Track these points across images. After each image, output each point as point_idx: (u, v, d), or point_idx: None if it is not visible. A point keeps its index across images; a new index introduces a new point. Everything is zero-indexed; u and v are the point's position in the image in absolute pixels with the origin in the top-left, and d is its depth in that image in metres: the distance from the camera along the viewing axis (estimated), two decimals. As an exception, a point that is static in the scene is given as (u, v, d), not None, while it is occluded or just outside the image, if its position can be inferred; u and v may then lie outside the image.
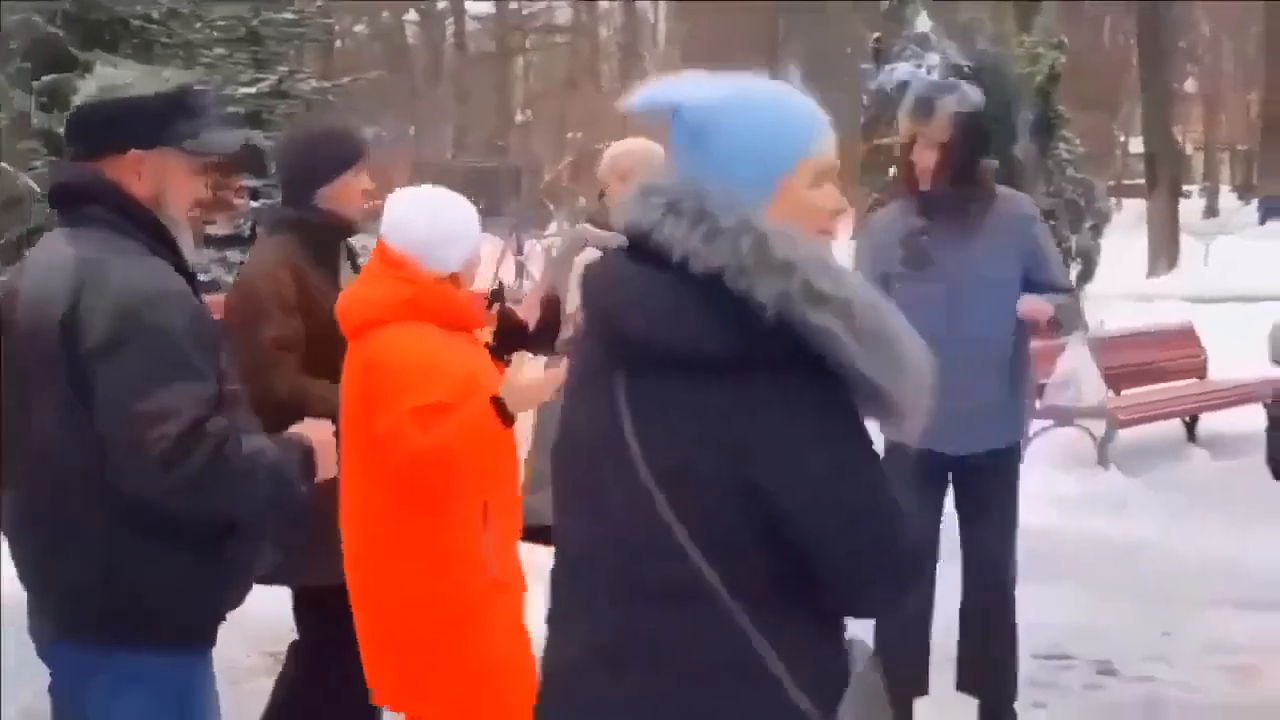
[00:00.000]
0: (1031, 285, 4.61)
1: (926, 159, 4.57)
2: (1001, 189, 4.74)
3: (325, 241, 3.98)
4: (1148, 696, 5.40)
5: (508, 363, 3.45)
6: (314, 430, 2.86)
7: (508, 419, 3.30)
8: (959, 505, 4.81)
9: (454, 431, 3.26)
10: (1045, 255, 4.66)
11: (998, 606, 4.78)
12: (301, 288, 3.86)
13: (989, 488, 4.74)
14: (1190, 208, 38.31)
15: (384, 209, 3.51)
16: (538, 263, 20.85)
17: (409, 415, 3.24)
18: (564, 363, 3.30)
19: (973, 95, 4.63)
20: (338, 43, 32.86)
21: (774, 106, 2.04)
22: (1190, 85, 49.70)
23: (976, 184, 4.60)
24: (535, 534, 3.56)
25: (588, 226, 4.94)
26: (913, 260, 4.58)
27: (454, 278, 3.50)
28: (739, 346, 1.92)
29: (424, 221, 3.44)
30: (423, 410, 3.25)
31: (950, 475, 4.74)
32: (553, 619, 2.15)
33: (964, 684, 4.89)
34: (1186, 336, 11.10)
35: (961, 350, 4.53)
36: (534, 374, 3.38)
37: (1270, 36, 39.48)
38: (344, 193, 3.99)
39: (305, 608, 4.01)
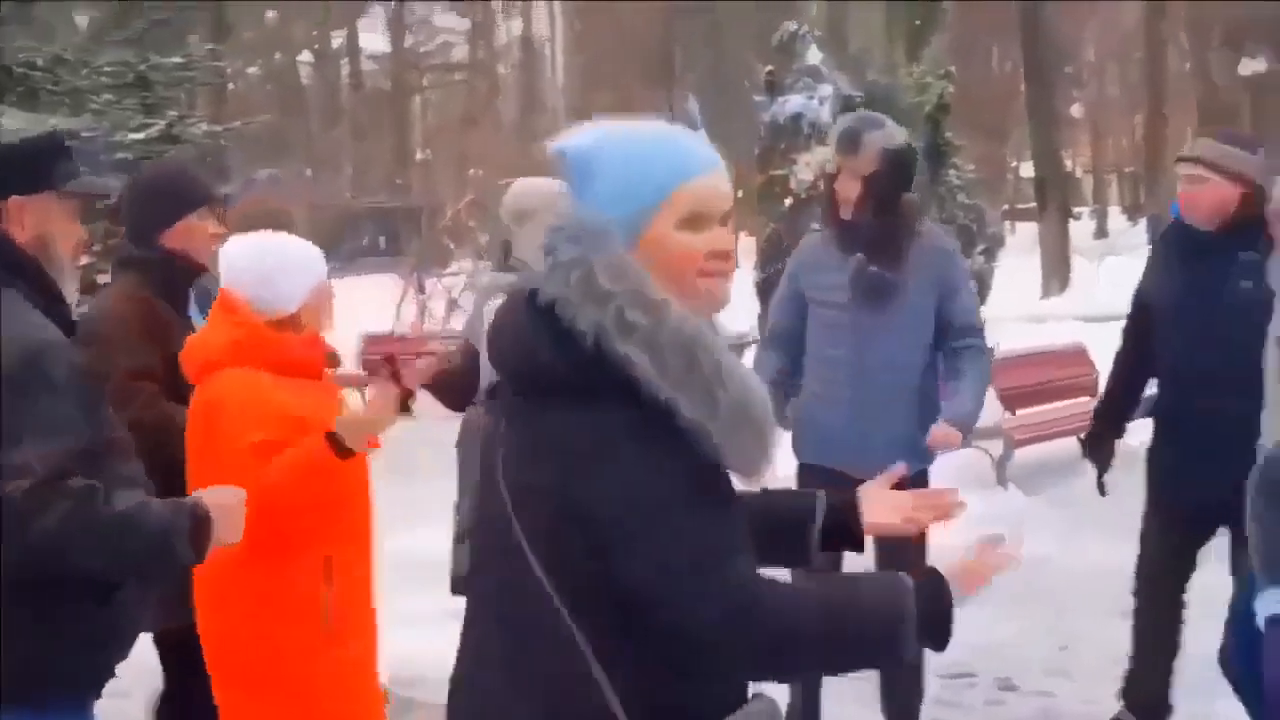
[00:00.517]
0: (940, 317, 4.73)
1: (850, 190, 4.68)
2: (925, 223, 4.87)
3: (169, 281, 3.97)
4: (1047, 711, 5.50)
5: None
6: (220, 495, 2.80)
7: (344, 453, 3.24)
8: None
9: (283, 468, 3.23)
10: (958, 289, 4.77)
11: None
12: (152, 320, 3.86)
13: None
14: (1081, 229, 39.12)
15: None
16: (440, 301, 20.82)
17: (236, 456, 3.24)
18: (393, 392, 3.33)
19: (898, 134, 4.76)
20: (230, 85, 32.58)
21: (642, 145, 2.08)
22: (1077, 110, 50.77)
23: (899, 216, 4.70)
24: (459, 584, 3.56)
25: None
26: (865, 295, 4.67)
27: (294, 319, 3.49)
28: (566, 373, 1.99)
29: (251, 265, 3.45)
30: (247, 450, 3.24)
31: None
32: (462, 629, 2.21)
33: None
34: (1078, 356, 11.31)
35: (876, 377, 4.67)
36: (375, 406, 3.34)
37: (1151, 61, 40.46)
38: (187, 235, 3.99)
39: (167, 651, 3.97)
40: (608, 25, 44.03)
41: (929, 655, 4.88)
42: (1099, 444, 5.05)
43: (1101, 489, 5.04)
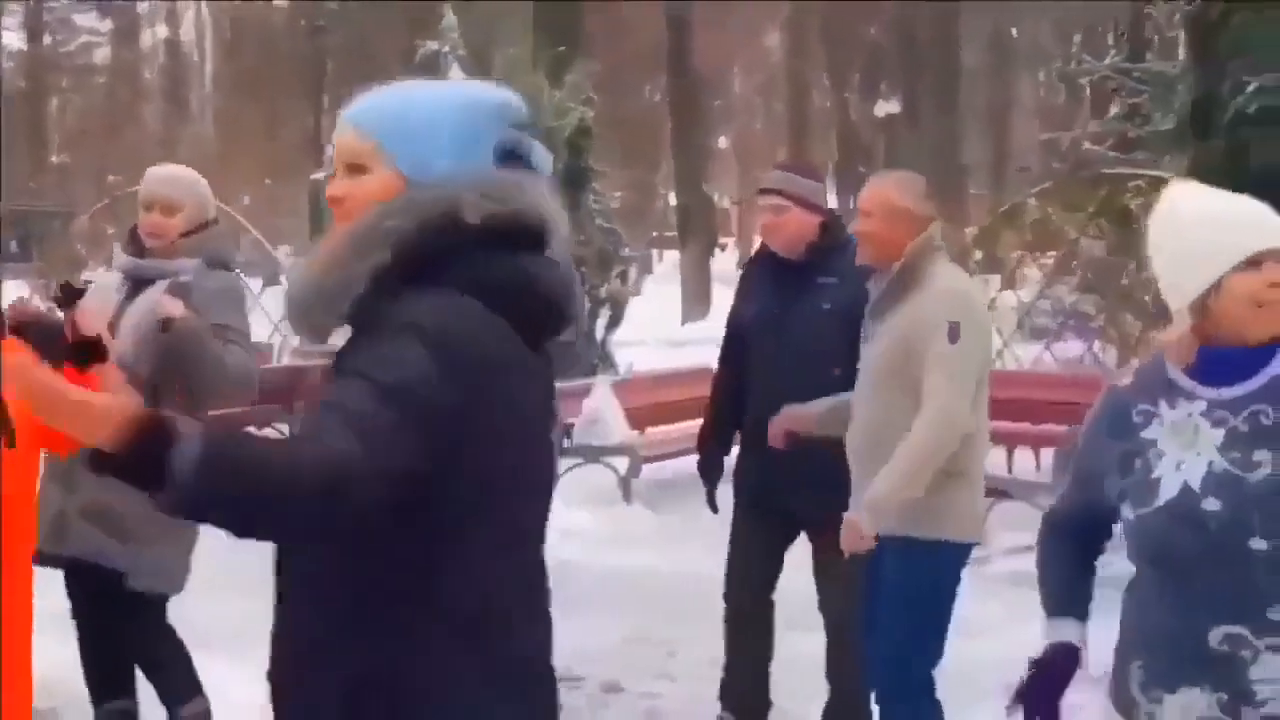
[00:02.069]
0: None
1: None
2: None
3: None
4: (652, 712, 5.75)
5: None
6: None
7: None
8: None
9: None
10: None
11: None
12: None
13: None
14: (726, 259, 40.49)
15: None
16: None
17: None
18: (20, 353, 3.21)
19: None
20: None
21: (467, 95, 2.30)
22: (724, 142, 52.49)
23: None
24: None
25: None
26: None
27: None
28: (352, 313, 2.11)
29: None
30: None
31: None
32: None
33: None
34: (707, 377, 11.72)
35: None
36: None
37: (794, 99, 42.27)
38: None
39: None
40: (258, 35, 43.14)
41: None
42: (706, 462, 5.32)
43: (712, 505, 5.28)
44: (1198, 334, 2.52)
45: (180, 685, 4.46)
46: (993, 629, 5.92)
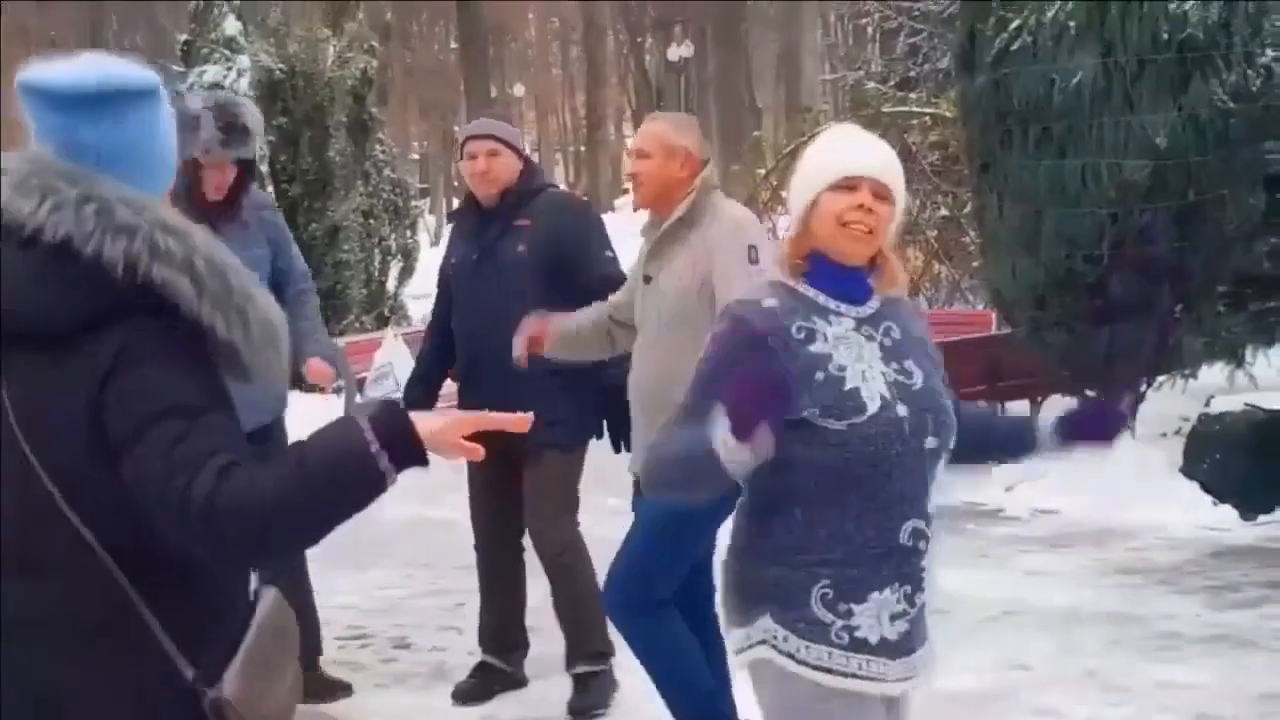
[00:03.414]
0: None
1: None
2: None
3: None
4: (439, 665, 5.72)
5: None
6: None
7: None
8: None
9: None
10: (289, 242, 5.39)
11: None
12: None
13: None
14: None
15: None
16: None
17: None
18: None
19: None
20: None
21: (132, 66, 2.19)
22: (520, 90, 52.25)
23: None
24: None
25: None
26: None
27: None
28: (91, 309, 2.02)
29: None
30: None
31: None
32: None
33: None
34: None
35: None
36: None
37: (589, 45, 42.20)
38: None
39: None
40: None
41: (333, 618, 5.18)
42: (418, 405, 5.36)
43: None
44: (803, 247, 2.74)
45: None
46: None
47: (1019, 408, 10.09)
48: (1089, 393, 8.50)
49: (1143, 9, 7.80)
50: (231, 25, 12.15)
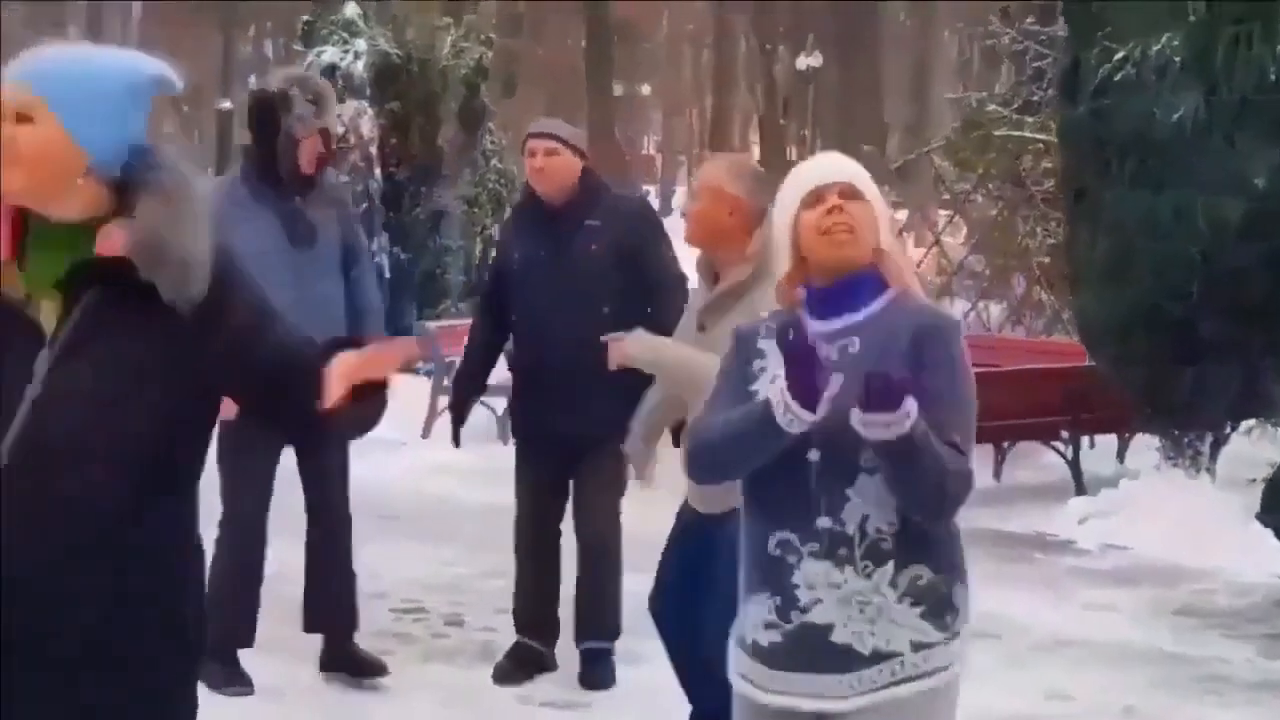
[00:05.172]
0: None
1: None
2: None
3: None
4: (487, 645, 5.84)
5: None
6: None
7: None
8: None
9: None
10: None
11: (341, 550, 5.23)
12: None
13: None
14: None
15: None
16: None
17: None
18: None
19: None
20: None
21: (124, 61, 2.31)
22: (647, 89, 52.34)
23: None
24: None
25: None
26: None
27: None
28: None
29: None
30: None
31: None
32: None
33: (310, 625, 5.29)
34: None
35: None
36: None
37: (720, 50, 42.15)
38: None
39: None
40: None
41: (389, 590, 5.34)
42: (456, 404, 5.46)
43: (455, 441, 5.48)
44: (795, 277, 2.85)
45: None
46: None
47: (1106, 441, 10.03)
48: (1175, 432, 8.42)
49: (1251, 49, 7.71)
50: (351, 9, 12.40)
